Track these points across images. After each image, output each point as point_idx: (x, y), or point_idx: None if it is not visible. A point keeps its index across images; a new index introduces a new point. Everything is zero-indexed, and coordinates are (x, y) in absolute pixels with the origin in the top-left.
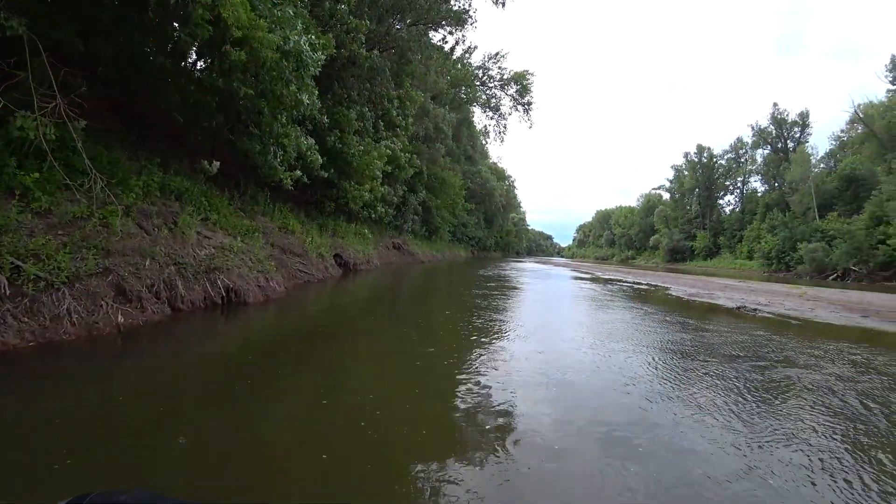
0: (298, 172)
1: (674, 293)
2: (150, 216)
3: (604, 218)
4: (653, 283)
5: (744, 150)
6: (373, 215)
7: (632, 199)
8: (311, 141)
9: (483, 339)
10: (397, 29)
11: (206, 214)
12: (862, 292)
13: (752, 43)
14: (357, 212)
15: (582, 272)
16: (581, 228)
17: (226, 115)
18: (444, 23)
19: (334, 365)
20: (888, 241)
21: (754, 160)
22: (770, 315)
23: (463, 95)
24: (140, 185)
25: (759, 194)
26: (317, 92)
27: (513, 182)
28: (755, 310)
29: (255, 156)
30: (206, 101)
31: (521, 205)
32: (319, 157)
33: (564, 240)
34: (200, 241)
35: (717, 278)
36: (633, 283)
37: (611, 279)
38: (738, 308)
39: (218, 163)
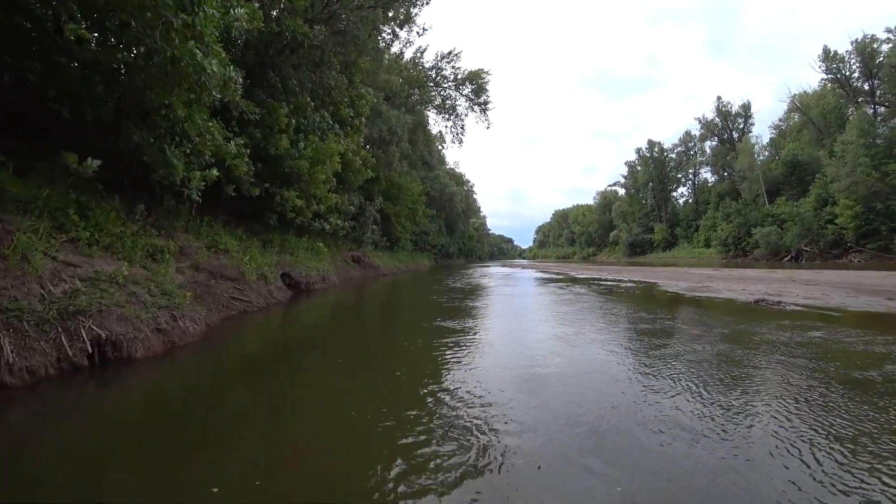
0: (215, 172)
1: (669, 289)
2: None
3: (562, 217)
4: (636, 280)
5: (693, 143)
6: (326, 227)
7: (587, 198)
8: (234, 144)
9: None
10: (338, 9)
11: (76, 233)
12: (837, 271)
13: (686, 46)
14: (306, 224)
15: (553, 273)
16: (540, 229)
17: (119, 103)
18: (394, 2)
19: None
20: (836, 221)
21: (703, 152)
22: (798, 308)
23: (416, 97)
24: None
25: (710, 184)
26: (237, 71)
27: (471, 187)
28: (778, 303)
29: (148, 149)
30: (90, 82)
31: (481, 210)
32: (248, 163)
33: (524, 242)
34: (58, 272)
35: (691, 269)
36: (616, 280)
37: (589, 279)
38: (757, 302)
39: (97, 161)
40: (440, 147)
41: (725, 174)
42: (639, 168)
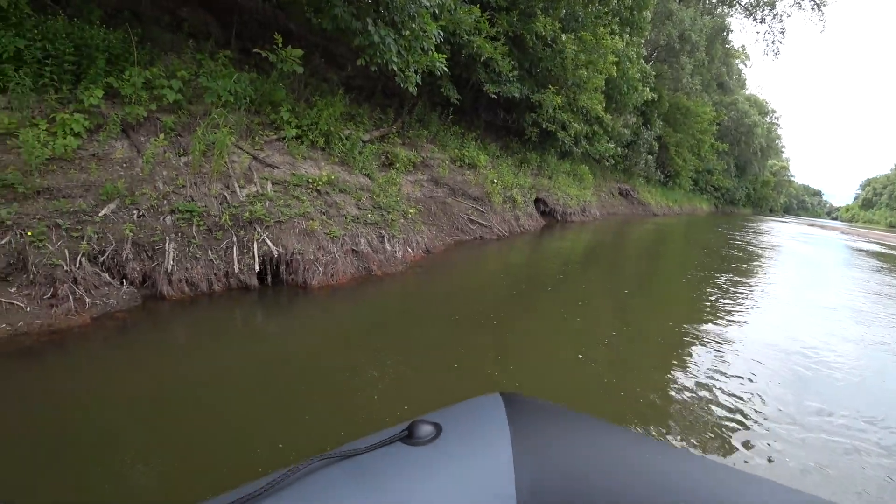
0: (441, 59)
1: None
2: (162, 129)
3: None
4: None
5: None
6: (592, 151)
7: None
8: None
9: None
10: None
11: (286, 131)
12: None
13: None
14: (568, 145)
15: None
16: (870, 183)
17: None
18: None
19: None
20: None
21: None
22: None
23: None
24: (136, 84)
25: None
26: None
27: (776, 119)
28: None
29: (352, 26)
30: None
31: (784, 149)
32: (507, 57)
33: (839, 198)
34: (250, 173)
35: None
36: None
37: None
38: None
39: (297, 51)
40: (742, 65)
41: None
42: None
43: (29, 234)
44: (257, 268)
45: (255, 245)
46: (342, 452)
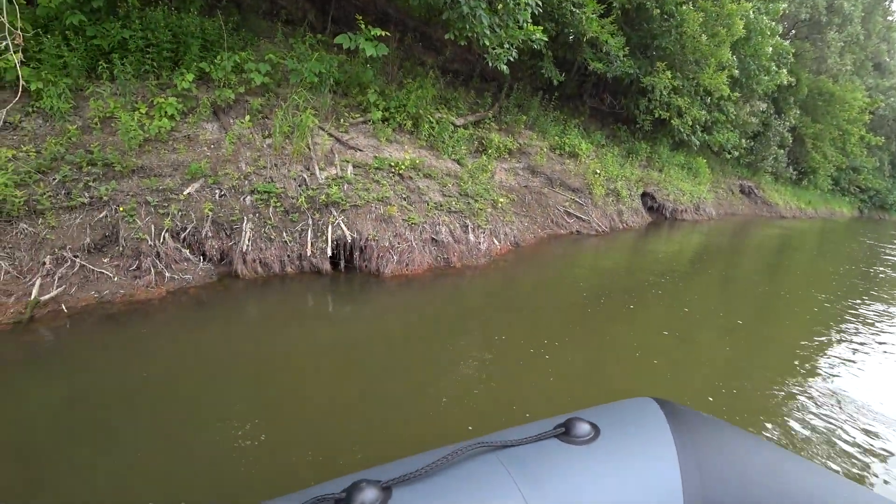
0: (538, 30)
1: None
2: (248, 112)
3: None
4: None
5: None
6: (710, 141)
7: None
8: None
9: None
10: None
11: (371, 113)
12: None
13: None
14: (685, 134)
15: None
16: None
17: None
18: None
19: None
20: None
21: None
22: None
23: None
24: (226, 68)
25: None
26: None
27: None
28: None
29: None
30: None
31: None
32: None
33: None
34: (332, 154)
35: None
36: None
37: None
38: None
39: (376, 30)
40: None
41: None
42: None
43: (121, 209)
44: (330, 252)
45: (330, 229)
46: (497, 442)
